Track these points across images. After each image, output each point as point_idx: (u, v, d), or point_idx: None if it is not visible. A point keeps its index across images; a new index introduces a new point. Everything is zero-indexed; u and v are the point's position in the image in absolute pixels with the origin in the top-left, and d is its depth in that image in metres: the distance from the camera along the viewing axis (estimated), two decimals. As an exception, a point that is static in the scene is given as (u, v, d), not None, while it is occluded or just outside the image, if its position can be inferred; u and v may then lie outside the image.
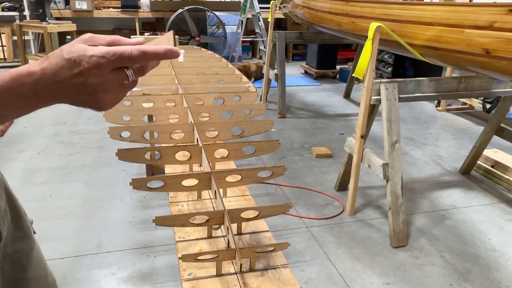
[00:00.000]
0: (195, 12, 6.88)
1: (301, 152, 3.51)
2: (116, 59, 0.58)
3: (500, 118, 2.88)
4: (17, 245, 0.85)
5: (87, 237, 2.28)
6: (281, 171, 1.61)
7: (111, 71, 0.59)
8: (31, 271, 0.89)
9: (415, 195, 2.86)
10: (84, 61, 0.57)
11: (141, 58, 0.60)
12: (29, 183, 2.85)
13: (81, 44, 0.59)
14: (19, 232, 0.86)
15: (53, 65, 0.57)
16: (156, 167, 2.94)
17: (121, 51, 0.59)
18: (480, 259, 2.20)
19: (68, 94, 0.59)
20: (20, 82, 0.57)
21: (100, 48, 0.58)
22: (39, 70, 0.57)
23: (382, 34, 2.29)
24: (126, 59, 0.59)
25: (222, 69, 2.89)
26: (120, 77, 0.60)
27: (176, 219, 1.38)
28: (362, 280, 2.02)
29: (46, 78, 0.57)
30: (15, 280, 0.85)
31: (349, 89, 5.31)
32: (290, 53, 7.78)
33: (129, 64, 0.61)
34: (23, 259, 0.87)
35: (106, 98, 0.60)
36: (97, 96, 0.59)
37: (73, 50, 0.58)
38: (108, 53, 0.58)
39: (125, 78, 0.61)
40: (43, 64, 0.58)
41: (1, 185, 0.82)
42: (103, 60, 0.58)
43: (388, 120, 2.27)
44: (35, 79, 0.57)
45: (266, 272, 1.35)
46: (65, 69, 0.57)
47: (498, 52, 1.69)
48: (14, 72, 0.57)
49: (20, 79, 0.57)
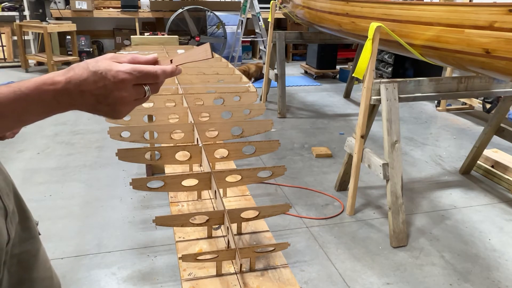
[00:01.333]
0: (195, 12, 6.88)
1: (301, 152, 3.51)
2: (142, 76, 0.65)
3: (500, 118, 2.88)
4: (24, 246, 0.86)
5: (87, 237, 2.28)
6: (281, 171, 1.61)
7: (133, 86, 0.64)
8: (37, 272, 0.90)
9: (415, 195, 2.86)
10: (110, 75, 0.62)
11: (162, 77, 0.67)
12: (29, 183, 2.85)
13: (106, 60, 0.64)
14: (26, 233, 0.87)
15: (78, 76, 0.61)
16: (156, 167, 2.94)
17: (147, 69, 0.65)
18: (480, 259, 2.20)
19: (88, 104, 0.63)
20: (44, 90, 0.60)
21: (126, 65, 0.64)
22: (64, 79, 0.61)
23: (382, 34, 2.29)
24: (150, 77, 0.66)
25: (222, 69, 2.89)
26: (139, 93, 0.66)
27: (176, 219, 1.38)
28: (362, 280, 2.02)
29: (70, 88, 0.61)
30: (21, 281, 0.86)
31: (349, 89, 5.31)
32: (290, 53, 7.78)
33: (152, 82, 0.67)
34: (29, 260, 0.88)
35: (123, 109, 0.66)
36: (115, 107, 0.64)
37: (99, 65, 0.62)
38: (135, 70, 0.64)
39: (143, 94, 0.67)
40: (68, 74, 0.62)
41: (10, 186, 0.83)
42: (129, 77, 0.63)
43: (388, 120, 2.27)
44: (59, 88, 0.61)
45: (266, 272, 1.35)
46: (89, 81, 0.61)
47: (498, 52, 1.69)
48: (38, 80, 0.61)
49: (45, 88, 0.60)
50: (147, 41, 4.14)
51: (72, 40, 6.29)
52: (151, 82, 0.67)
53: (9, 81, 2.22)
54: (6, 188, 0.81)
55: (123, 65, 0.64)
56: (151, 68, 0.66)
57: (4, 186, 0.80)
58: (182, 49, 3.55)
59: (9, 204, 0.80)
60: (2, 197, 0.78)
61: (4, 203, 0.78)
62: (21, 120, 0.62)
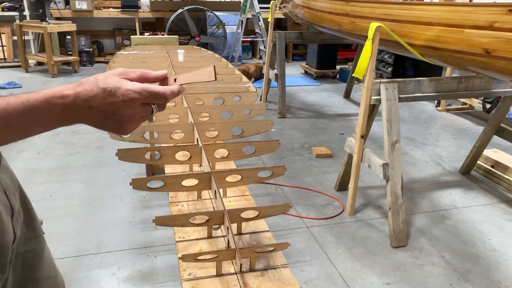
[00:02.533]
0: (195, 12, 6.88)
1: (301, 152, 3.51)
2: (151, 96, 0.66)
3: (500, 118, 2.88)
4: (28, 245, 0.87)
5: (87, 237, 2.28)
6: (281, 171, 1.61)
7: (141, 105, 0.66)
8: (41, 271, 0.90)
9: (415, 195, 2.86)
10: (119, 93, 0.63)
11: (170, 98, 0.68)
12: (29, 183, 2.85)
13: (116, 77, 0.65)
14: (31, 232, 0.88)
15: (88, 91, 0.62)
16: (156, 167, 2.94)
17: (156, 90, 0.66)
18: (480, 259, 2.20)
19: (95, 119, 0.64)
20: (52, 103, 0.61)
21: (136, 84, 0.65)
22: (73, 93, 0.62)
23: (382, 34, 2.29)
24: (160, 98, 0.67)
25: (222, 69, 2.89)
26: (147, 111, 0.67)
27: (176, 219, 1.38)
28: (362, 280, 2.02)
29: (78, 102, 0.62)
30: (26, 279, 0.87)
31: (349, 89, 5.31)
32: (290, 53, 7.78)
33: (160, 102, 0.68)
34: (34, 259, 0.88)
35: (129, 126, 0.67)
36: (122, 124, 0.66)
37: (109, 82, 0.63)
38: (144, 90, 0.65)
39: (150, 112, 0.68)
40: (78, 88, 0.62)
41: (16, 185, 0.84)
42: (138, 96, 0.64)
43: (388, 120, 2.27)
44: (67, 102, 0.62)
45: (266, 272, 1.35)
46: (98, 97, 0.62)
47: (498, 52, 1.69)
48: (47, 93, 0.61)
49: (54, 101, 0.61)
50: (147, 41, 4.14)
51: (72, 40, 6.29)
52: (160, 102, 0.68)
53: (9, 81, 2.25)
54: (13, 187, 0.81)
55: (133, 84, 0.65)
56: (161, 89, 0.67)
57: (10, 185, 0.80)
58: (182, 49, 3.55)
59: (15, 203, 0.81)
60: (8, 196, 0.78)
61: (10, 201, 0.78)
62: (28, 132, 0.63)
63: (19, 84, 5.35)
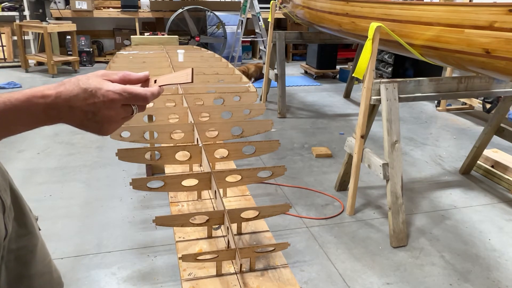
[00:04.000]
0: (195, 12, 6.88)
1: (301, 152, 3.51)
2: (132, 97, 0.67)
3: (500, 118, 2.88)
4: (20, 242, 0.87)
5: (87, 237, 2.28)
6: (281, 171, 1.61)
7: (121, 106, 0.66)
8: (34, 268, 0.91)
9: (415, 195, 2.86)
10: (100, 93, 0.64)
11: (150, 99, 0.69)
12: (29, 183, 2.85)
13: (97, 78, 0.66)
14: (23, 229, 0.88)
15: (69, 92, 0.63)
16: (156, 167, 2.94)
17: (136, 91, 0.67)
18: (480, 259, 2.20)
19: (76, 119, 0.65)
20: (33, 103, 0.62)
21: (116, 85, 0.66)
22: (54, 93, 0.62)
23: (382, 34, 2.29)
24: (140, 99, 0.67)
25: (222, 69, 2.89)
26: (127, 111, 0.68)
27: (176, 219, 1.38)
28: (362, 280, 2.02)
29: (59, 102, 0.63)
30: (19, 276, 0.87)
31: (349, 89, 5.31)
32: (290, 53, 7.78)
33: (141, 103, 0.69)
34: (26, 256, 0.89)
35: (110, 127, 0.68)
36: (103, 125, 0.66)
37: (90, 82, 0.64)
38: (125, 91, 0.66)
39: (131, 113, 0.69)
40: (59, 88, 0.63)
41: (7, 182, 0.84)
42: (118, 97, 0.65)
43: (388, 120, 2.27)
44: (48, 102, 0.62)
45: (266, 272, 1.35)
46: (79, 97, 0.63)
47: (498, 52, 1.69)
48: (28, 92, 0.62)
49: (35, 100, 0.62)
50: (147, 41, 4.14)
51: (72, 40, 6.29)
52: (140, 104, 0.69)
53: (9, 81, 2.25)
54: (4, 184, 0.82)
55: (113, 85, 0.65)
56: (141, 91, 0.67)
57: (1, 181, 0.81)
58: (182, 49, 3.55)
59: (7, 199, 0.81)
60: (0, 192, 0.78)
61: (1, 198, 0.79)
62: (9, 130, 0.63)
63: (19, 84, 5.34)
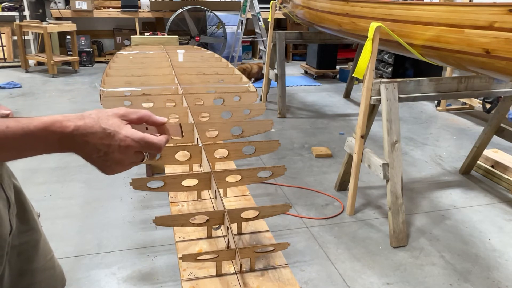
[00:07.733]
0: (195, 12, 6.88)
1: (301, 152, 3.51)
2: (147, 146, 0.67)
3: (500, 118, 2.88)
4: (22, 238, 0.88)
5: (87, 237, 2.28)
6: (281, 171, 1.61)
7: (134, 152, 0.67)
8: (37, 263, 0.92)
9: (415, 195, 2.86)
10: (118, 137, 0.64)
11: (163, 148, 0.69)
12: (29, 183, 2.85)
13: (117, 119, 0.66)
14: (25, 225, 0.89)
15: (88, 127, 0.63)
16: (156, 167, 2.94)
17: (154, 141, 0.67)
18: (480, 259, 2.20)
19: (87, 153, 0.65)
20: (51, 132, 0.62)
21: (135, 133, 0.66)
22: (73, 126, 0.63)
23: (382, 34, 2.29)
24: (155, 148, 0.68)
25: (222, 69, 2.89)
26: (139, 158, 0.69)
27: (176, 219, 1.38)
28: (362, 280, 2.02)
29: (76, 135, 0.63)
30: (22, 272, 0.88)
31: (349, 89, 5.31)
32: (290, 53, 7.78)
33: (154, 152, 0.69)
34: (29, 251, 0.90)
35: (117, 169, 0.68)
36: (111, 165, 0.67)
37: (110, 123, 0.65)
38: (143, 140, 0.66)
39: (141, 159, 0.69)
40: (79, 122, 0.63)
41: (11, 178, 0.85)
42: (135, 144, 0.65)
43: (388, 120, 2.27)
44: (66, 133, 0.62)
45: (266, 272, 1.35)
46: (97, 136, 0.63)
47: (498, 52, 1.69)
48: (47, 121, 0.62)
49: (53, 129, 0.62)
50: (147, 41, 4.15)
51: (72, 40, 6.29)
52: (153, 152, 0.69)
53: (9, 81, 2.24)
54: (8, 180, 0.83)
55: (132, 132, 0.66)
56: (157, 140, 0.68)
57: (6, 177, 0.82)
58: (182, 49, 3.55)
59: (11, 196, 0.82)
60: (4, 188, 0.79)
61: (6, 194, 0.80)
62: (19, 155, 0.63)
63: (19, 84, 5.34)
